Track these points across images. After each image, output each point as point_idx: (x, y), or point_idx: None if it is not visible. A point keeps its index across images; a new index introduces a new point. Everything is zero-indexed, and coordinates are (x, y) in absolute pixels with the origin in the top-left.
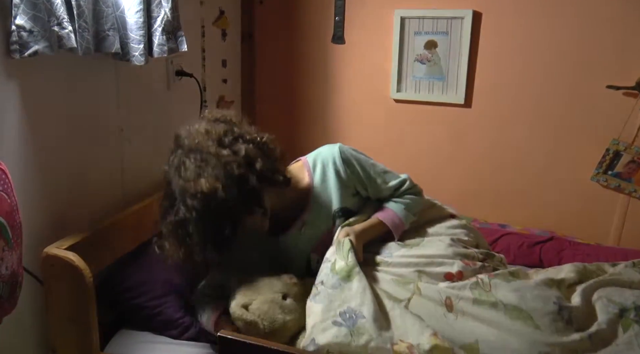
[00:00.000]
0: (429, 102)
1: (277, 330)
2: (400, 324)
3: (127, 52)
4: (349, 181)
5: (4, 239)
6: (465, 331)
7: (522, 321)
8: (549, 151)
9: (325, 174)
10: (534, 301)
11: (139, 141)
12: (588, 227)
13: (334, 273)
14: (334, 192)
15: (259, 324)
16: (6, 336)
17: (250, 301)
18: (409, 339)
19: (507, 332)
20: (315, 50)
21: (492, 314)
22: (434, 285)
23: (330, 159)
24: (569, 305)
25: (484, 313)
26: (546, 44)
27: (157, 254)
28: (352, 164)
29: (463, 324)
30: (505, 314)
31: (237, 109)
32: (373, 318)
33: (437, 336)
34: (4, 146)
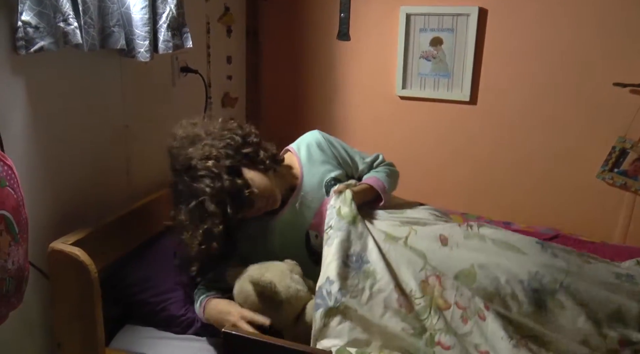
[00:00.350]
0: (434, 99)
1: (292, 297)
2: (396, 267)
3: (133, 48)
4: (332, 156)
5: (11, 234)
6: (460, 259)
7: (510, 250)
8: (554, 148)
9: (310, 152)
10: (519, 240)
11: (144, 136)
12: (593, 225)
13: (340, 217)
14: (321, 166)
15: (276, 287)
16: (13, 330)
17: (262, 274)
18: (407, 285)
19: (497, 256)
20: (320, 47)
21: (482, 245)
22: (428, 227)
23: (313, 140)
24: (552, 246)
25: (475, 245)
26: (552, 41)
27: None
28: (332, 142)
29: (458, 254)
30: (494, 245)
31: (242, 106)
32: (376, 262)
33: (427, 281)
34: (10, 142)
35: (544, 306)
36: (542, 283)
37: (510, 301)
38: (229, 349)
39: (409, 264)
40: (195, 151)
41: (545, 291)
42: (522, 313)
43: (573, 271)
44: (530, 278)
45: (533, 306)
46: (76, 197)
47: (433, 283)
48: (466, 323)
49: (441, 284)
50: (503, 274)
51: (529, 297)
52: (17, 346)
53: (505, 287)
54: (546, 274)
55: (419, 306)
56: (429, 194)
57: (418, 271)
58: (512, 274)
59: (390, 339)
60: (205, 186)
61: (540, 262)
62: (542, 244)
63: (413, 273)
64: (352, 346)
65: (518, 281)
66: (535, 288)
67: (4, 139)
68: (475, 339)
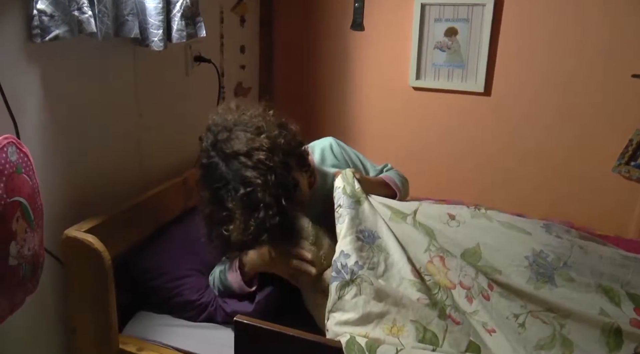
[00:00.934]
0: (448, 90)
1: (318, 259)
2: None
3: (146, 37)
4: (344, 161)
5: (27, 221)
6: (466, 237)
7: (515, 230)
8: (569, 140)
9: (324, 156)
10: (524, 222)
11: (157, 125)
12: (608, 219)
13: (347, 196)
14: (333, 169)
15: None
16: (29, 315)
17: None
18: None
19: (503, 235)
20: (334, 37)
21: (489, 225)
22: (435, 204)
23: (327, 144)
24: (556, 228)
25: (481, 224)
26: (569, 32)
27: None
28: (345, 148)
29: (464, 231)
30: (500, 225)
31: (255, 96)
32: (387, 238)
33: (432, 262)
34: (25, 129)
35: (551, 281)
36: (547, 260)
37: (517, 277)
38: (240, 338)
39: (414, 243)
40: (252, 140)
41: (549, 266)
42: (530, 286)
43: (577, 252)
44: (535, 255)
45: (540, 280)
46: (90, 185)
47: (437, 263)
48: (471, 302)
49: (445, 264)
50: (509, 252)
51: (535, 271)
52: (33, 330)
53: (511, 264)
54: (550, 253)
55: (429, 282)
56: (440, 185)
57: (423, 252)
58: (517, 251)
59: (405, 310)
60: (259, 175)
61: (545, 242)
62: (547, 227)
63: (418, 254)
64: (366, 321)
65: (523, 257)
66: (541, 264)
67: (20, 127)
68: (482, 318)
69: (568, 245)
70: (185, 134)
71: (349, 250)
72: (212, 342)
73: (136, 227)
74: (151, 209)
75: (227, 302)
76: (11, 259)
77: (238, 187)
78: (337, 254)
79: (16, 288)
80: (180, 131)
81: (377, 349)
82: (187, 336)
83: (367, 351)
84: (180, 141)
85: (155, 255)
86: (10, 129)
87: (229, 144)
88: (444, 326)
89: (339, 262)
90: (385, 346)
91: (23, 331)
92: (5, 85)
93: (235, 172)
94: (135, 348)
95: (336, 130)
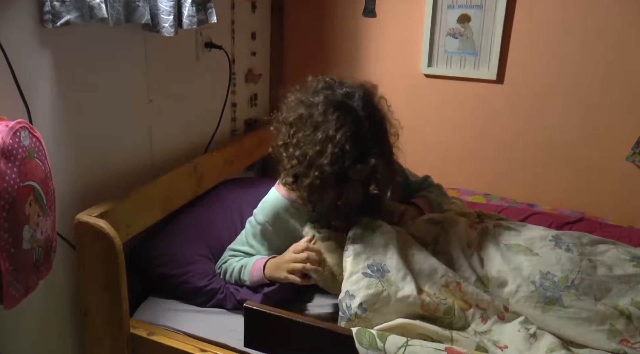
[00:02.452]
0: (460, 78)
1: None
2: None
3: (157, 23)
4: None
5: (39, 205)
6: (479, 264)
7: (522, 253)
8: (583, 129)
9: None
10: (531, 239)
11: (167, 111)
12: (620, 209)
13: (357, 227)
14: None
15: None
16: (42, 298)
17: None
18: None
19: (509, 263)
20: (345, 24)
21: (495, 251)
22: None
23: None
24: (566, 239)
25: (488, 253)
26: (584, 19)
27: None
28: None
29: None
30: (508, 250)
31: (265, 82)
32: (396, 269)
33: (447, 287)
34: (38, 114)
35: (559, 302)
36: (554, 281)
37: (525, 303)
38: (250, 324)
39: (430, 271)
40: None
41: (557, 288)
42: (538, 310)
43: (585, 268)
44: (542, 277)
45: (548, 303)
46: (101, 170)
47: (453, 288)
48: (485, 322)
49: (462, 290)
50: (515, 279)
51: (542, 295)
52: (47, 313)
53: (518, 292)
54: (557, 273)
55: (445, 306)
56: (452, 173)
57: (439, 278)
58: (524, 277)
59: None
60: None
61: (553, 263)
62: (556, 239)
63: (434, 280)
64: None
65: (531, 282)
66: (547, 286)
67: (32, 112)
68: (494, 337)
69: (577, 260)
70: (195, 120)
71: (354, 290)
72: (222, 327)
73: (147, 213)
74: (162, 194)
75: (239, 290)
76: (25, 243)
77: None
78: (342, 294)
79: (30, 272)
80: (190, 116)
81: (387, 338)
82: (197, 321)
83: (378, 339)
84: (190, 127)
85: (163, 242)
86: (23, 114)
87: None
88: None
89: (344, 303)
90: (396, 336)
91: (36, 313)
92: (18, 70)
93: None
94: (146, 332)
95: None
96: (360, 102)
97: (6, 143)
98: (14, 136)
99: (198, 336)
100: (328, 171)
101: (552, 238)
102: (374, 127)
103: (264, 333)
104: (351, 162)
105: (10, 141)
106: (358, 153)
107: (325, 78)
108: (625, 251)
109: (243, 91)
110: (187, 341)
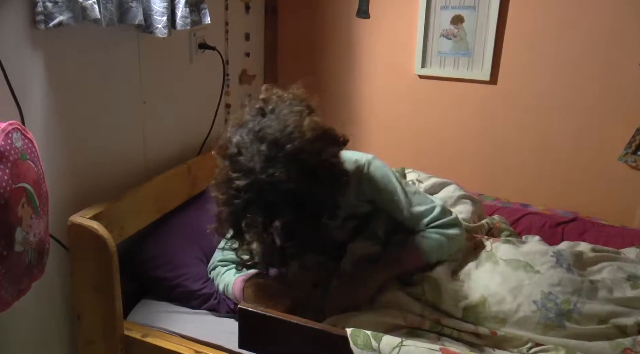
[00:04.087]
0: (454, 79)
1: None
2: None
3: (150, 24)
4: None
5: (32, 207)
6: (472, 290)
7: (522, 269)
8: (576, 129)
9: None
10: (533, 256)
11: (161, 112)
12: (613, 209)
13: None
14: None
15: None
16: (35, 301)
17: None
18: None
19: (509, 280)
20: (339, 25)
21: (494, 268)
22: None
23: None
24: (567, 257)
25: (485, 272)
26: (577, 20)
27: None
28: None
29: (469, 285)
30: (506, 266)
31: (259, 83)
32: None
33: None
34: (30, 115)
35: (561, 325)
36: (556, 302)
37: (524, 323)
38: (244, 325)
39: (407, 305)
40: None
41: (559, 311)
42: (538, 331)
43: (587, 289)
44: (544, 298)
45: (549, 326)
46: (94, 172)
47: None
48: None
49: (441, 323)
50: (515, 297)
51: (544, 316)
52: (39, 316)
53: (518, 311)
54: (559, 295)
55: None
56: (445, 174)
57: (417, 314)
58: (525, 295)
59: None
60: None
61: (554, 282)
62: (557, 256)
63: (409, 316)
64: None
65: (531, 301)
66: (549, 307)
67: (24, 113)
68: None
69: (578, 281)
70: (189, 121)
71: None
72: (216, 329)
73: (141, 214)
74: (156, 195)
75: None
76: (17, 245)
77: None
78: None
79: (22, 274)
80: (184, 118)
81: (382, 338)
82: (191, 323)
83: (373, 339)
84: (184, 128)
85: (156, 244)
86: (15, 115)
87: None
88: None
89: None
90: (390, 337)
91: (29, 315)
92: (10, 71)
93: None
94: (140, 334)
95: (341, 118)
96: (264, 162)
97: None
98: (6, 137)
99: (192, 338)
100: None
101: (553, 254)
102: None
103: (258, 334)
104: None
105: (2, 143)
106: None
107: (254, 112)
108: (620, 269)
109: (237, 91)
110: (181, 342)
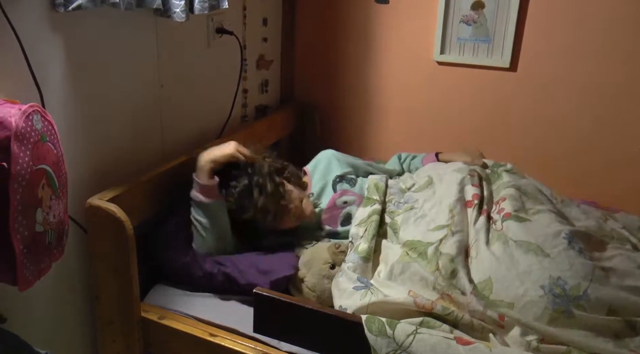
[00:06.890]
0: (473, 65)
1: (327, 298)
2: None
3: (169, 8)
4: (341, 158)
5: (52, 188)
6: (479, 271)
7: (532, 252)
8: (596, 118)
9: (318, 159)
10: (542, 236)
11: (178, 97)
12: (632, 199)
13: (355, 253)
14: (326, 168)
15: (313, 296)
16: (55, 281)
17: (304, 275)
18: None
19: (518, 263)
20: (357, 10)
21: (504, 250)
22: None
23: (323, 156)
24: (580, 235)
25: (495, 253)
26: (599, 6)
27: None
28: (343, 155)
29: (477, 266)
30: (516, 247)
31: (277, 69)
32: (387, 277)
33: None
34: (50, 98)
35: (568, 311)
36: (565, 289)
37: (530, 308)
38: (259, 310)
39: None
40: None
41: (566, 298)
42: (544, 320)
43: (598, 276)
44: (552, 283)
45: (556, 311)
46: (112, 155)
47: (447, 299)
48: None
49: (453, 299)
50: (523, 283)
51: (551, 301)
52: (58, 296)
53: (525, 295)
54: (569, 280)
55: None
56: None
57: (430, 290)
58: (533, 280)
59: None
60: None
61: (563, 267)
62: (569, 238)
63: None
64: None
65: (539, 286)
66: (557, 293)
67: (44, 96)
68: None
69: (589, 267)
70: (206, 106)
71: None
72: (232, 313)
73: (157, 198)
74: (172, 179)
75: (244, 275)
76: (38, 226)
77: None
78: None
79: (43, 254)
80: (201, 102)
81: (397, 325)
82: (206, 307)
83: (388, 326)
84: (201, 112)
85: (173, 227)
86: (35, 98)
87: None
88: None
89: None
90: (405, 324)
91: (48, 295)
92: (31, 54)
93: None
94: (157, 316)
95: (358, 104)
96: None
97: (19, 126)
98: (27, 119)
99: (208, 321)
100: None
101: (566, 236)
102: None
103: (273, 319)
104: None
105: (23, 125)
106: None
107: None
108: (629, 258)
109: (254, 77)
110: (197, 325)
